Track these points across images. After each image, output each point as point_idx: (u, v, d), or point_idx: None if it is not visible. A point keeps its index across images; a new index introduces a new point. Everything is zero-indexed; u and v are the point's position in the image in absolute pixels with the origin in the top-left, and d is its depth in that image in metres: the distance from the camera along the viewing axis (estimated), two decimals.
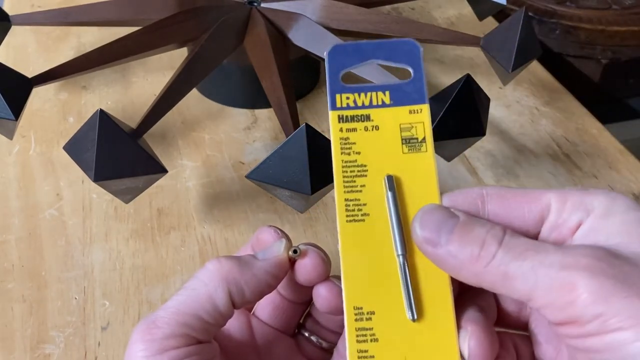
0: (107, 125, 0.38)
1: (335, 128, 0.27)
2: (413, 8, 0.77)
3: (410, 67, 0.28)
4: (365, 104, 0.28)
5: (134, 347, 0.26)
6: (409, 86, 0.28)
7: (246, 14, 0.55)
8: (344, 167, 0.27)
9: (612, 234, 0.24)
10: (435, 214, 0.25)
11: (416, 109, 0.28)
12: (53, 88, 0.61)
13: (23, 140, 0.56)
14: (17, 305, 0.42)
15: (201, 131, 0.57)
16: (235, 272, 0.28)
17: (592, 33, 0.77)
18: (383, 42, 0.28)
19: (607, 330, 0.21)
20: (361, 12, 0.54)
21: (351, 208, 0.26)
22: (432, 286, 0.26)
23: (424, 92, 0.28)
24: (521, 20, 0.47)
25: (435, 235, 0.24)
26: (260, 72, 0.49)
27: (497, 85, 0.63)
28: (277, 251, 0.29)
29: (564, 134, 0.58)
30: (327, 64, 0.28)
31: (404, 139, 0.27)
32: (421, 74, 0.28)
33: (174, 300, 0.27)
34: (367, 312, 0.25)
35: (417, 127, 0.27)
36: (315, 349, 0.33)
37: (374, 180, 0.27)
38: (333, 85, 0.28)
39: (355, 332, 0.25)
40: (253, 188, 0.50)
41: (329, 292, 0.29)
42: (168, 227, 0.48)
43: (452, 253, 0.24)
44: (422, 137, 0.27)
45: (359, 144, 0.27)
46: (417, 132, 0.27)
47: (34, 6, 0.75)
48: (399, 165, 0.27)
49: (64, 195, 0.50)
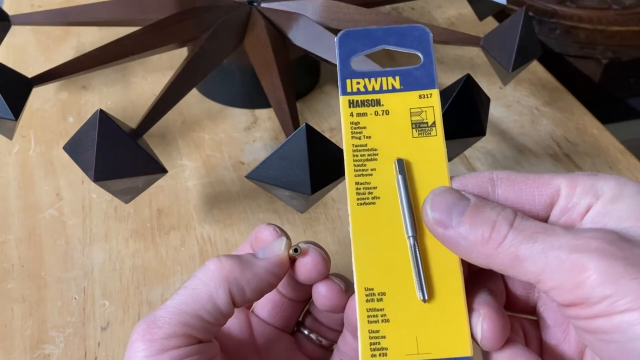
0: (107, 125, 0.38)
1: (345, 112, 0.28)
2: (413, 8, 0.77)
3: (420, 53, 0.28)
4: (375, 88, 0.28)
5: (134, 346, 0.26)
6: (419, 71, 0.28)
7: (246, 14, 0.55)
8: (355, 151, 0.27)
9: (622, 218, 0.24)
10: (447, 196, 0.25)
11: (426, 94, 0.28)
12: (53, 88, 0.61)
13: (23, 140, 0.56)
14: (17, 305, 0.42)
15: (201, 131, 0.57)
16: (236, 271, 0.28)
17: (592, 33, 0.77)
18: (393, 27, 0.29)
19: (615, 311, 0.21)
20: (361, 12, 0.54)
21: (362, 191, 0.27)
22: (443, 267, 0.26)
23: (434, 77, 0.28)
24: (521, 20, 0.47)
25: (446, 217, 0.25)
26: (260, 72, 0.49)
27: (497, 85, 0.63)
28: (277, 250, 0.29)
29: (564, 134, 0.58)
30: (338, 49, 0.28)
31: (414, 123, 0.28)
32: (431, 59, 0.28)
33: (175, 300, 0.27)
34: (378, 293, 0.26)
35: (427, 111, 0.28)
36: (314, 346, 0.33)
37: (384, 164, 0.27)
38: (343, 70, 0.28)
39: (366, 312, 0.25)
40: (253, 188, 0.50)
41: (328, 290, 0.29)
42: (168, 227, 0.48)
43: (463, 235, 0.24)
44: (432, 121, 0.28)
45: (370, 128, 0.28)
46: (427, 116, 0.28)
47: (33, 6, 0.75)
48: (409, 149, 0.27)
49: (64, 195, 0.50)
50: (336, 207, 0.50)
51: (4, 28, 0.53)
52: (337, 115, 0.59)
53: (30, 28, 0.70)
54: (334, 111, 0.60)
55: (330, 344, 0.33)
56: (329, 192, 0.41)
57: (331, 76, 0.64)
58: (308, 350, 0.33)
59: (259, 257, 0.29)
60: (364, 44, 0.28)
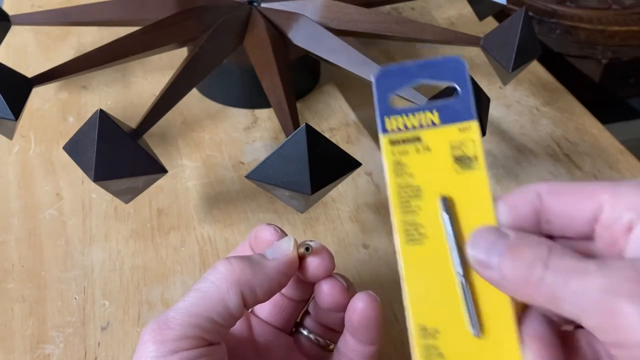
0: (107, 125, 0.38)
1: (387, 152, 0.28)
2: (413, 8, 0.77)
3: (456, 84, 0.28)
4: (414, 125, 0.28)
5: (144, 347, 0.26)
6: (456, 103, 0.28)
7: (246, 14, 0.55)
8: (399, 189, 0.27)
9: None
10: (486, 237, 0.25)
11: (465, 127, 0.28)
12: (53, 88, 0.61)
13: (23, 140, 0.56)
14: (17, 305, 0.42)
15: (201, 131, 0.57)
16: (247, 273, 0.28)
17: (592, 33, 0.77)
18: (428, 62, 0.28)
19: None
20: (361, 12, 0.54)
21: (409, 230, 0.27)
22: (493, 302, 0.26)
23: (472, 108, 0.28)
24: (521, 20, 0.47)
25: (487, 258, 0.25)
26: (260, 72, 0.49)
27: (497, 85, 0.63)
28: (286, 249, 0.29)
29: (564, 134, 0.58)
30: (375, 89, 0.28)
31: (455, 157, 0.28)
32: (468, 90, 0.28)
33: (185, 302, 0.27)
34: (432, 329, 0.26)
35: (468, 144, 0.28)
36: (313, 346, 0.33)
37: (429, 201, 0.27)
38: (382, 108, 0.28)
39: (421, 349, 0.26)
40: (253, 188, 0.50)
41: (332, 288, 0.30)
42: (168, 227, 0.48)
43: (504, 276, 0.24)
44: (473, 154, 0.27)
45: (412, 166, 0.28)
46: (467, 149, 0.28)
47: (33, 6, 0.75)
48: (453, 185, 0.27)
49: (64, 195, 0.50)
50: (336, 207, 0.50)
51: (4, 28, 0.53)
52: (337, 115, 0.59)
53: (30, 28, 0.70)
54: (334, 111, 0.60)
55: (329, 345, 0.33)
56: (329, 192, 0.41)
57: (331, 76, 0.64)
58: (307, 351, 0.33)
59: (268, 257, 0.29)
60: (400, 81, 0.28)
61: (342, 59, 0.50)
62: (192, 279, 0.44)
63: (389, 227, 0.48)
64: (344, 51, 0.50)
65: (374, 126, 0.61)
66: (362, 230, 0.48)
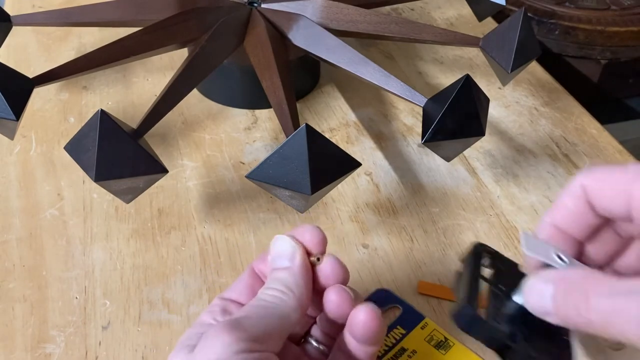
0: (108, 126, 0.38)
1: None
2: (413, 9, 0.77)
3: (398, 304, 0.36)
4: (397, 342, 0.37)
5: (219, 339, 0.27)
6: (405, 315, 0.38)
7: (246, 14, 0.55)
8: None
9: None
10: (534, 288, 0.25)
11: (423, 325, 0.38)
12: (54, 88, 0.61)
13: (24, 141, 0.56)
14: (18, 304, 0.42)
15: (201, 131, 0.57)
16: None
17: (591, 33, 0.77)
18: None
19: None
20: (361, 13, 0.54)
21: None
22: None
23: (416, 314, 0.38)
24: (520, 21, 0.47)
25: (541, 310, 0.24)
26: (260, 72, 0.49)
27: (497, 85, 0.64)
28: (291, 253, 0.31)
29: (563, 134, 0.58)
30: None
31: (434, 346, 0.37)
32: (405, 304, 0.37)
33: (254, 307, 0.29)
34: None
35: (434, 334, 0.38)
36: (321, 356, 0.33)
37: None
38: None
39: None
40: (253, 188, 0.50)
41: (338, 296, 0.30)
42: (168, 227, 0.48)
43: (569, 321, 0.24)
44: (442, 338, 0.36)
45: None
46: (437, 337, 0.38)
47: (35, 7, 0.75)
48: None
49: (65, 195, 0.51)
50: (336, 207, 0.50)
51: (5, 28, 0.53)
52: (337, 115, 0.59)
53: (32, 28, 0.70)
54: (334, 111, 0.60)
55: None
56: (329, 192, 0.41)
57: (331, 76, 0.64)
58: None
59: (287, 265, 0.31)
60: None
61: (342, 59, 0.50)
62: (192, 279, 0.44)
63: (388, 227, 0.48)
64: (344, 51, 0.50)
65: (374, 126, 0.62)
66: (362, 230, 0.48)
